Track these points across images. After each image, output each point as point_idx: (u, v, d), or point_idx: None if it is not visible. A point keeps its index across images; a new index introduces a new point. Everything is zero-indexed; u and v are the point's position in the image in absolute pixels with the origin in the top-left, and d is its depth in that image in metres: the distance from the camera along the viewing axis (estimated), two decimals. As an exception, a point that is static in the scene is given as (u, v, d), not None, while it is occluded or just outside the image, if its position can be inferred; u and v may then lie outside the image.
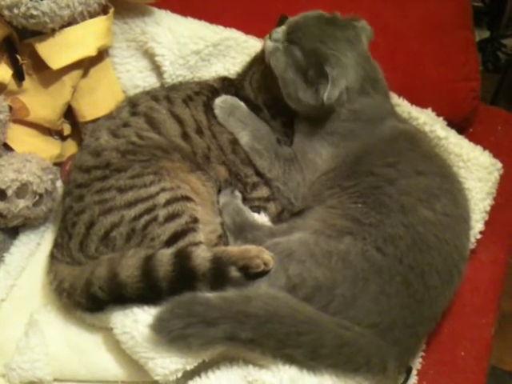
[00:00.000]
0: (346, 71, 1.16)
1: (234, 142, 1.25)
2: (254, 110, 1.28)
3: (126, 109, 1.24)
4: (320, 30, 1.19)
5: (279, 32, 1.22)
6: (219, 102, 1.26)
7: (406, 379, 1.11)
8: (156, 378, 1.02)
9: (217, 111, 1.25)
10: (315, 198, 1.19)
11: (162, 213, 1.09)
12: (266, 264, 1.04)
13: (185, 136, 1.22)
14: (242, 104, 1.27)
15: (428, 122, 1.32)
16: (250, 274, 1.04)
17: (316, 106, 1.16)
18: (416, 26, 1.36)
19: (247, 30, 1.39)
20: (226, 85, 1.33)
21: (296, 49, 1.18)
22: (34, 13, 1.17)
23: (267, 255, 1.05)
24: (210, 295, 1.00)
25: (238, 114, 1.25)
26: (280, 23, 1.34)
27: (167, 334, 0.97)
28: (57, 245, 1.17)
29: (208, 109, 1.25)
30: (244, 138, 1.25)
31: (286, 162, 1.23)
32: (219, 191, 1.25)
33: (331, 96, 1.13)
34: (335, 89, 1.13)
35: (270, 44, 1.22)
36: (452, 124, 1.37)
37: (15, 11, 1.17)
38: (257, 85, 1.29)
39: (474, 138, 1.36)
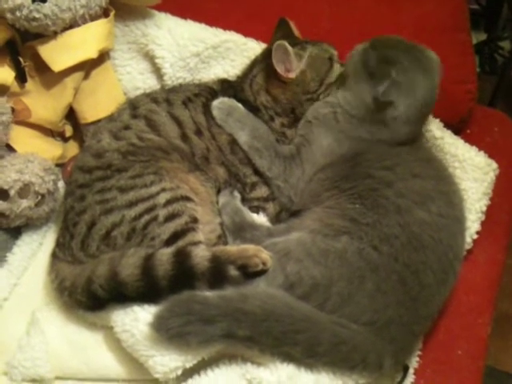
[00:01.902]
0: (408, 89, 1.16)
1: (233, 142, 1.26)
2: (252, 111, 1.28)
3: (127, 111, 1.25)
4: (402, 46, 1.20)
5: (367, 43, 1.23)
6: (217, 103, 1.26)
7: (403, 377, 1.12)
8: (156, 375, 1.03)
9: (215, 112, 1.26)
10: (313, 199, 1.20)
11: (162, 212, 1.11)
12: (264, 263, 1.05)
13: (184, 137, 1.23)
14: (240, 105, 1.28)
15: (424, 123, 1.34)
16: (249, 272, 1.05)
17: (368, 105, 1.17)
18: (412, 28, 1.37)
19: (246, 33, 1.40)
20: (225, 87, 1.33)
21: (372, 53, 1.18)
22: (36, 15, 1.18)
23: (265, 254, 1.06)
24: (209, 294, 1.01)
25: (236, 115, 1.26)
26: (279, 26, 1.36)
27: (166, 331, 0.98)
28: (58, 244, 1.19)
29: (207, 110, 1.26)
30: (243, 138, 1.25)
31: (286, 159, 1.24)
32: (219, 192, 1.26)
33: (387, 92, 1.13)
34: (393, 89, 1.13)
35: (358, 45, 1.24)
36: (448, 125, 1.37)
37: (18, 14, 1.18)
38: (257, 87, 1.30)
39: (471, 139, 1.36)
